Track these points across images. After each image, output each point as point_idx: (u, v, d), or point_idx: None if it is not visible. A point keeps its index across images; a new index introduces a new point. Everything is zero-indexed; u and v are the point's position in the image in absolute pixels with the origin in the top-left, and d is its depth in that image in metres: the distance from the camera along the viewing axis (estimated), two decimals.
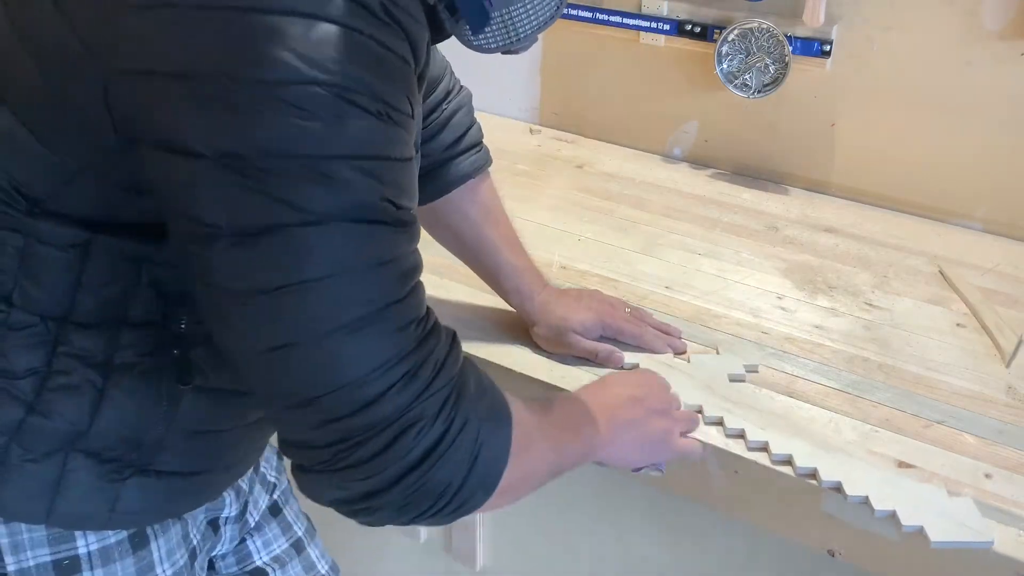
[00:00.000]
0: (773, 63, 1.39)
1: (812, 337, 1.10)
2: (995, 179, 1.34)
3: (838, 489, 0.86)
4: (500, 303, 1.08)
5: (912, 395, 1.00)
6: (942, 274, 1.24)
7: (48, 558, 0.76)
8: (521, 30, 0.74)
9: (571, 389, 0.97)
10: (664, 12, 1.50)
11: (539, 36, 0.76)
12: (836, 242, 1.32)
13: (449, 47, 0.93)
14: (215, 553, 0.96)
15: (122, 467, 0.75)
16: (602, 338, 1.03)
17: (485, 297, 1.10)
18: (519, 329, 1.07)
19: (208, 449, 0.80)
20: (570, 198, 1.43)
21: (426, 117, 0.99)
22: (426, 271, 0.70)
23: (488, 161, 1.06)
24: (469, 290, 1.12)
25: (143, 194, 0.66)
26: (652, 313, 1.10)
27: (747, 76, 1.41)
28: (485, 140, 1.07)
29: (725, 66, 1.43)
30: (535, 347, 1.05)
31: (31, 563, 0.76)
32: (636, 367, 1.02)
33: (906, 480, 0.87)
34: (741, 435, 0.92)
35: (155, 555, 0.82)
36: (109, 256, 0.70)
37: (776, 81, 1.39)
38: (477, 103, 1.08)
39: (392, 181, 0.64)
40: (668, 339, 1.06)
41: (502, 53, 0.77)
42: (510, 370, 1.02)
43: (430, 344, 0.67)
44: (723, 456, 0.92)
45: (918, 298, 1.19)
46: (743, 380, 1.01)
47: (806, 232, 1.35)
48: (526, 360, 1.04)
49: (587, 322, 1.02)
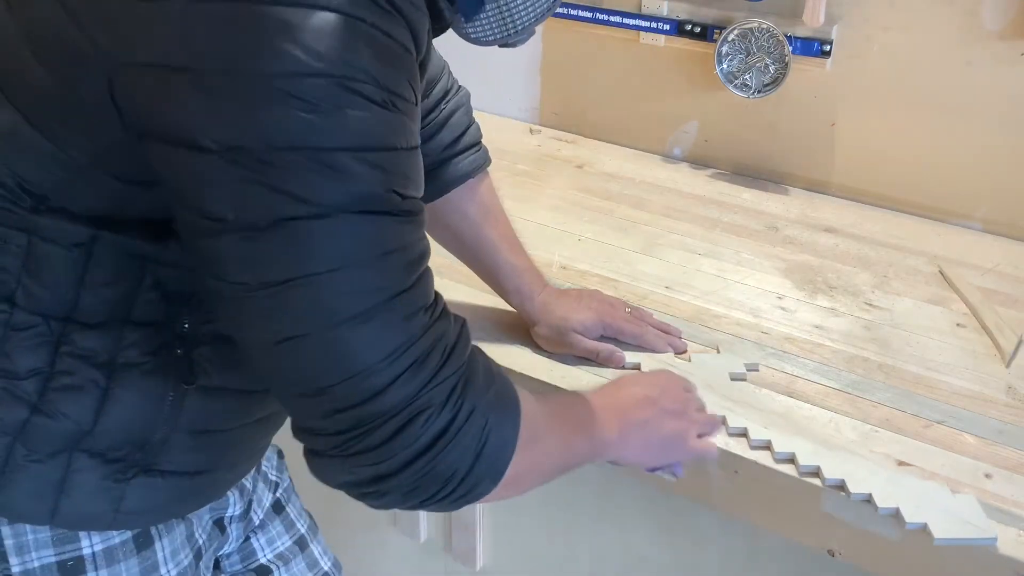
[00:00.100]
0: (773, 63, 1.39)
1: (812, 337, 1.10)
2: (995, 179, 1.34)
3: (841, 487, 0.86)
4: (500, 303, 1.08)
5: (912, 395, 1.00)
6: (942, 274, 1.24)
7: (53, 559, 0.76)
8: (519, 22, 0.74)
9: (571, 389, 0.97)
10: (664, 12, 1.50)
11: (536, 29, 0.77)
12: (836, 242, 1.32)
13: (448, 47, 0.94)
14: (222, 552, 0.96)
15: (126, 467, 0.75)
16: (603, 338, 1.03)
17: (485, 297, 1.10)
18: (519, 329, 1.07)
19: (212, 448, 0.80)
20: (570, 198, 1.43)
21: (424, 117, 0.99)
22: None
23: (487, 161, 1.06)
24: (469, 290, 1.12)
25: (149, 189, 0.66)
26: (652, 313, 1.10)
27: (747, 76, 1.41)
28: (485, 140, 1.06)
29: (725, 66, 1.43)
30: (535, 347, 1.05)
31: (36, 564, 0.76)
32: (637, 367, 1.02)
33: (909, 478, 0.87)
34: (744, 434, 0.92)
35: (159, 555, 0.82)
36: (113, 255, 0.70)
37: (776, 81, 1.39)
38: (477, 103, 1.08)
39: (398, 171, 0.64)
40: (669, 338, 1.06)
41: (499, 46, 0.77)
42: (510, 370, 1.01)
43: (438, 331, 0.68)
44: (723, 456, 0.91)
45: (918, 298, 1.19)
46: (744, 379, 1.01)
47: (806, 232, 1.35)
48: (526, 360, 1.04)
49: (588, 322, 1.02)
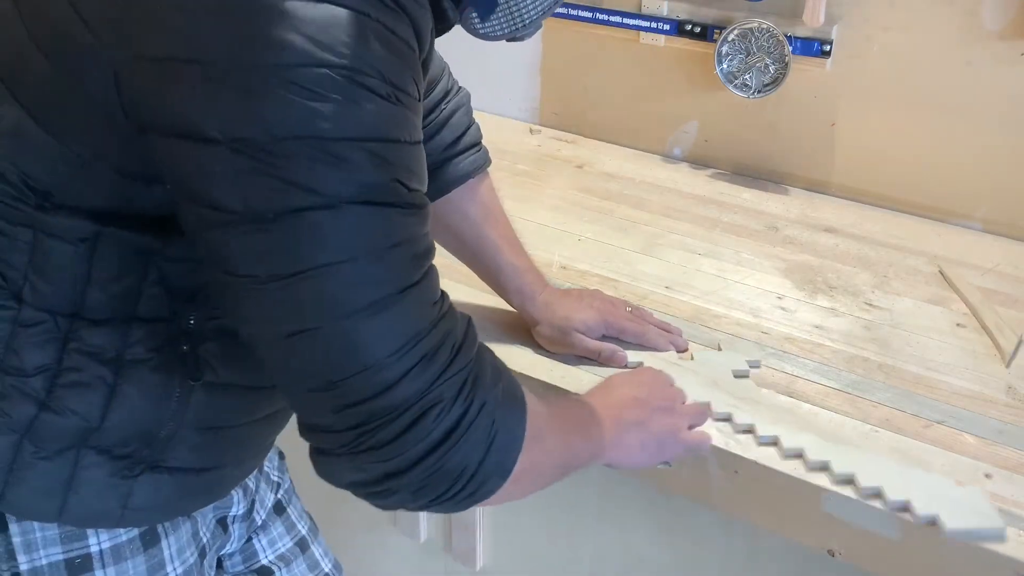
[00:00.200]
0: (773, 63, 1.39)
1: (812, 337, 1.10)
2: (995, 179, 1.34)
3: (851, 481, 0.86)
4: (500, 303, 1.08)
5: (912, 395, 1.00)
6: (942, 274, 1.24)
7: (60, 556, 0.76)
8: (527, 15, 0.75)
9: (571, 389, 0.97)
10: (664, 12, 1.50)
11: (542, 24, 0.77)
12: (836, 242, 1.32)
13: (448, 48, 0.94)
14: (224, 552, 0.97)
15: (134, 464, 0.75)
16: (604, 337, 1.04)
17: (485, 297, 1.10)
18: (520, 329, 1.07)
19: (219, 445, 0.80)
20: (570, 198, 1.43)
21: (425, 117, 0.99)
22: None
23: (487, 161, 1.06)
24: (469, 290, 1.12)
25: (154, 184, 0.66)
26: (652, 312, 1.10)
27: (747, 76, 1.41)
28: (485, 140, 1.07)
29: (725, 66, 1.43)
30: (536, 347, 1.05)
31: (44, 562, 0.76)
32: (640, 366, 1.02)
33: (917, 471, 0.87)
34: (751, 430, 0.93)
35: (166, 553, 0.82)
36: (118, 250, 0.70)
37: (776, 81, 1.39)
38: (477, 103, 1.08)
39: (402, 163, 0.64)
40: (671, 337, 1.06)
41: (507, 40, 0.77)
42: (510, 370, 1.01)
43: (446, 327, 0.68)
44: (723, 456, 0.91)
45: (918, 298, 1.19)
46: (747, 376, 1.01)
47: (806, 232, 1.35)
48: (527, 360, 1.04)
49: (590, 321, 1.02)
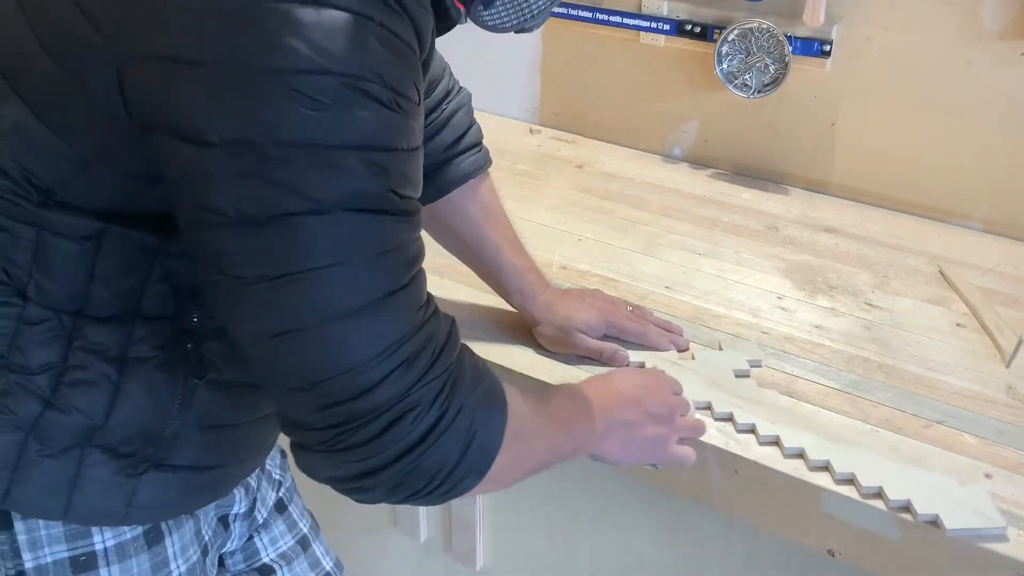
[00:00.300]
0: (773, 63, 1.39)
1: (812, 337, 1.10)
2: (995, 179, 1.34)
3: (851, 480, 0.86)
4: (500, 303, 1.08)
5: (912, 395, 1.00)
6: (942, 274, 1.24)
7: (65, 554, 0.77)
8: (535, 6, 0.75)
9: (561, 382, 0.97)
10: (664, 12, 1.50)
11: (549, 14, 0.78)
12: (836, 242, 1.33)
13: (448, 47, 0.94)
14: (225, 550, 0.97)
15: (138, 462, 0.76)
16: (605, 337, 1.04)
17: (485, 297, 1.10)
18: (520, 329, 1.07)
19: (222, 443, 0.80)
20: (570, 198, 1.43)
21: (426, 117, 0.99)
22: (426, 271, 0.70)
23: (488, 161, 1.06)
24: (469, 290, 1.12)
25: (156, 183, 0.66)
26: (652, 312, 1.10)
27: (747, 76, 1.41)
28: (485, 140, 1.07)
29: (725, 66, 1.43)
30: (536, 347, 1.05)
31: (48, 559, 0.76)
32: (641, 366, 1.02)
33: (918, 471, 0.88)
34: (752, 430, 0.93)
35: (169, 551, 0.82)
36: (122, 248, 0.70)
37: (776, 81, 1.39)
38: (477, 103, 1.08)
39: (398, 171, 0.64)
40: (671, 336, 1.06)
41: (515, 32, 0.78)
42: (511, 370, 1.02)
43: (429, 331, 0.68)
44: (723, 456, 0.92)
45: (918, 298, 1.19)
46: (748, 375, 1.02)
47: (806, 232, 1.35)
48: (527, 360, 1.04)
49: (591, 321, 1.02)
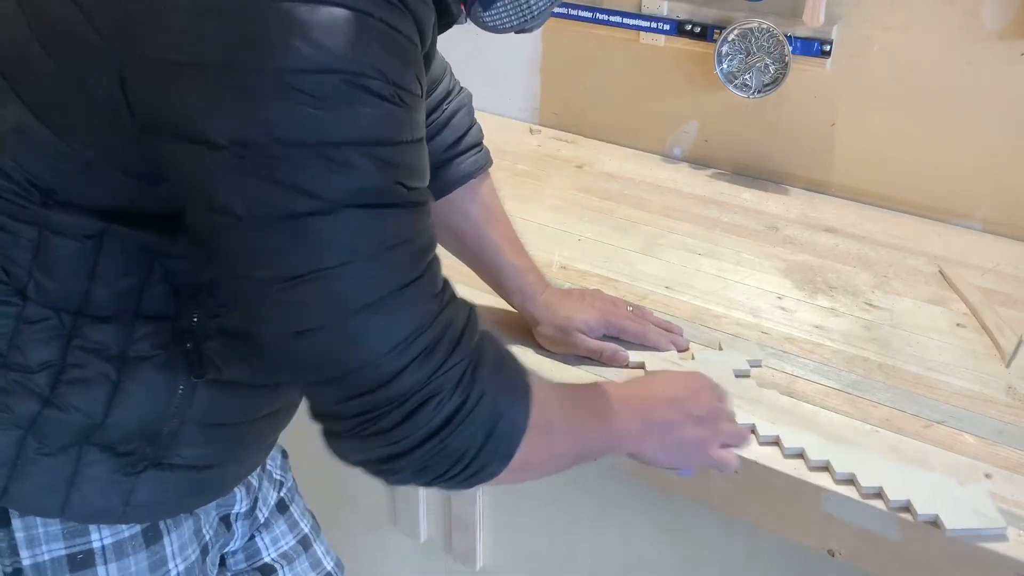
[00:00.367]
0: (773, 63, 1.39)
1: (812, 337, 1.10)
2: (995, 179, 1.34)
3: (851, 480, 0.86)
4: (500, 303, 1.08)
5: (912, 395, 1.00)
6: (942, 274, 1.24)
7: (63, 552, 0.77)
8: (535, 7, 0.76)
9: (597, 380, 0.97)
10: (664, 12, 1.50)
11: (550, 15, 0.78)
12: (836, 242, 1.33)
13: (449, 47, 0.94)
14: (227, 549, 0.97)
15: (136, 460, 0.76)
16: (605, 337, 1.04)
17: (485, 297, 1.10)
18: (520, 329, 1.07)
19: (221, 442, 0.80)
20: (570, 198, 1.43)
21: (426, 117, 0.99)
22: None
23: (489, 161, 1.06)
24: (469, 290, 1.11)
25: (157, 183, 0.66)
26: (652, 312, 1.10)
27: (747, 76, 1.41)
28: (485, 140, 1.07)
29: (725, 66, 1.43)
30: (536, 347, 1.05)
31: (46, 557, 0.76)
32: (641, 365, 1.02)
33: (918, 471, 0.88)
34: (752, 430, 0.92)
35: (168, 550, 0.82)
36: (123, 247, 0.70)
37: (776, 81, 1.39)
38: (477, 103, 1.08)
39: (404, 164, 0.64)
40: (671, 336, 1.06)
41: (516, 32, 0.78)
42: (516, 358, 1.01)
43: (447, 318, 0.69)
44: None
45: (918, 298, 1.19)
46: (748, 375, 1.02)
47: (806, 232, 1.35)
48: (528, 360, 1.02)
49: (591, 321, 1.02)
